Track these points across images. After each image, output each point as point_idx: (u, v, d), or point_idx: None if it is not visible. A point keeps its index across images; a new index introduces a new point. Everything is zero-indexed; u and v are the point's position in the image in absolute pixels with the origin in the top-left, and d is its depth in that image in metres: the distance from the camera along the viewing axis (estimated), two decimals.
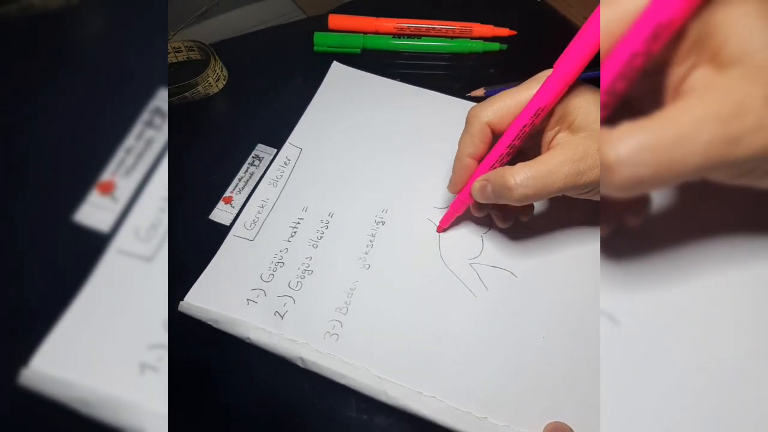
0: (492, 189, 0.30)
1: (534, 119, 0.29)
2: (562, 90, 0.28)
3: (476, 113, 0.32)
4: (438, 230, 0.38)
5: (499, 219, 0.35)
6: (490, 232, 0.38)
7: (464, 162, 0.33)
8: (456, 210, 0.36)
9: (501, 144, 0.31)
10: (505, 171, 0.29)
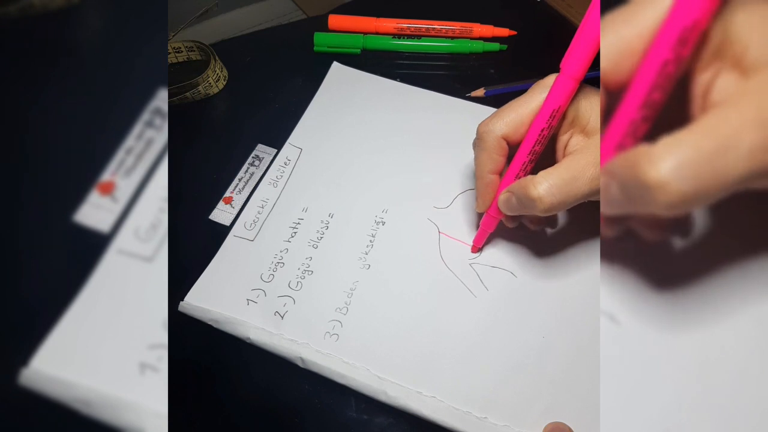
0: (516, 201, 0.29)
1: (551, 121, 0.28)
2: (573, 89, 0.28)
3: (488, 129, 0.30)
4: (473, 251, 0.37)
5: (533, 223, 0.35)
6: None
7: (486, 180, 0.32)
8: (488, 227, 0.35)
9: (522, 152, 0.30)
10: (527, 182, 0.28)
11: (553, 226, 0.38)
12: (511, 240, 0.37)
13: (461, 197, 0.39)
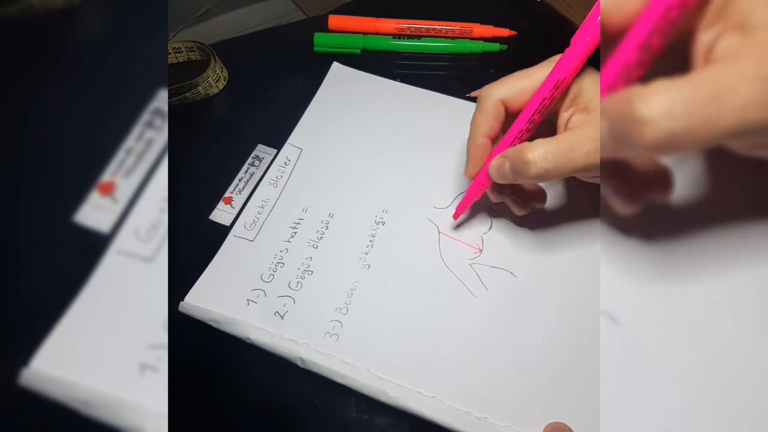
0: (510, 166, 0.29)
1: (554, 91, 0.28)
2: (581, 62, 0.28)
3: (489, 91, 0.31)
4: (454, 217, 0.37)
5: (516, 205, 0.34)
6: (490, 232, 0.38)
7: (479, 142, 0.32)
8: (473, 195, 0.34)
9: (521, 119, 0.30)
10: (523, 146, 0.28)
11: (538, 210, 0.36)
12: (511, 240, 0.37)
13: (461, 197, 0.39)
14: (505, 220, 0.38)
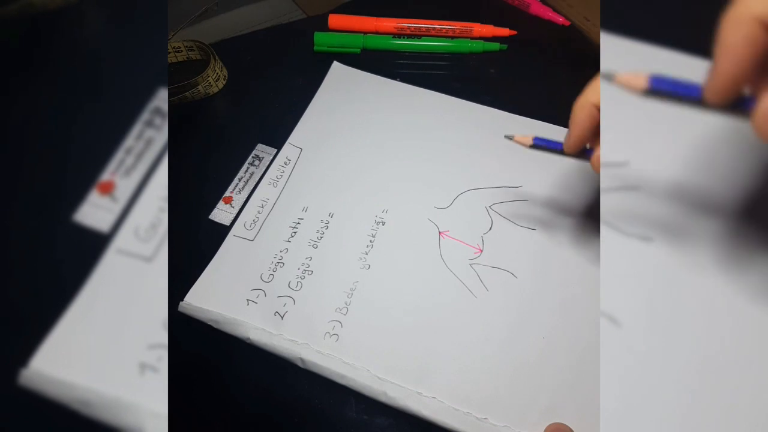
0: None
1: None
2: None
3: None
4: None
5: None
6: (490, 232, 0.38)
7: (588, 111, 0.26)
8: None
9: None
10: None
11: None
12: (512, 240, 0.37)
13: (461, 197, 0.39)
14: (505, 220, 0.38)
